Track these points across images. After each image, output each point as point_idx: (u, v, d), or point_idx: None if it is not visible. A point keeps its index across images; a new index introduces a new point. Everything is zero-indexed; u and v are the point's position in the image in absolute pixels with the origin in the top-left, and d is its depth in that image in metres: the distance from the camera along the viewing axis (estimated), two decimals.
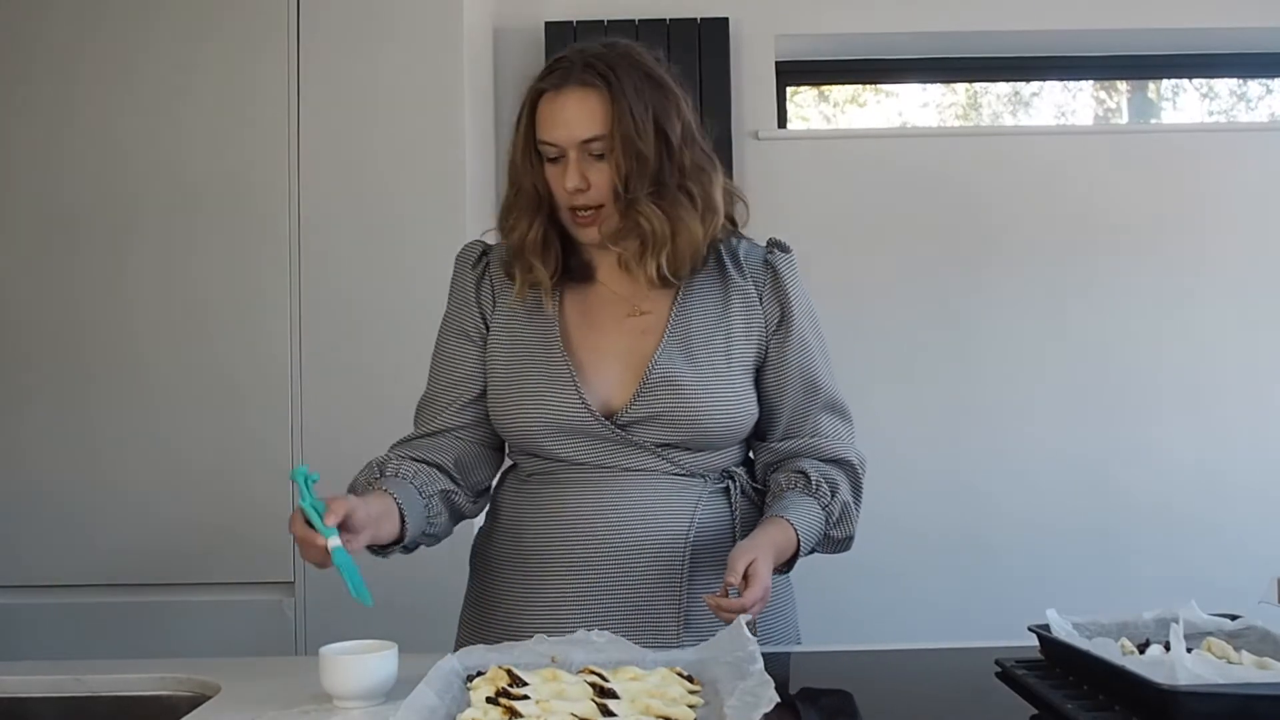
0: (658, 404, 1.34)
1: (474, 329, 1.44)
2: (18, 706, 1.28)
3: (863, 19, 2.89)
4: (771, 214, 2.85)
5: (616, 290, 1.42)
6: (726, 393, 1.37)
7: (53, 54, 2.33)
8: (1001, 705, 1.16)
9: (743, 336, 1.42)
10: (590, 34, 2.74)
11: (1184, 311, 2.83)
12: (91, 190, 2.32)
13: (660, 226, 1.34)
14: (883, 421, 2.81)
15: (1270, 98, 3.20)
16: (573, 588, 1.34)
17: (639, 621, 1.33)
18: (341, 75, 2.33)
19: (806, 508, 1.37)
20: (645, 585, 1.34)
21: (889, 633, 2.70)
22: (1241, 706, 0.97)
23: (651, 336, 1.39)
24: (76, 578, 2.29)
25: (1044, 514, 2.79)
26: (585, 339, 1.40)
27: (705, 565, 1.36)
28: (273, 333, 2.31)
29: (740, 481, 1.42)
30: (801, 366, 1.44)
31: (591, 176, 1.33)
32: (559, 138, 1.32)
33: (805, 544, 1.36)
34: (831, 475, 1.41)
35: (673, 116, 1.34)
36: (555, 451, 1.37)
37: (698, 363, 1.37)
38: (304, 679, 1.20)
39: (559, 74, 1.33)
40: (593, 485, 1.36)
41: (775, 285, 1.45)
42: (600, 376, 1.37)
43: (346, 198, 2.32)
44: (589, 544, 1.34)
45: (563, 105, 1.32)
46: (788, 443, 1.44)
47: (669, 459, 1.36)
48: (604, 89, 1.31)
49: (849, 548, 1.46)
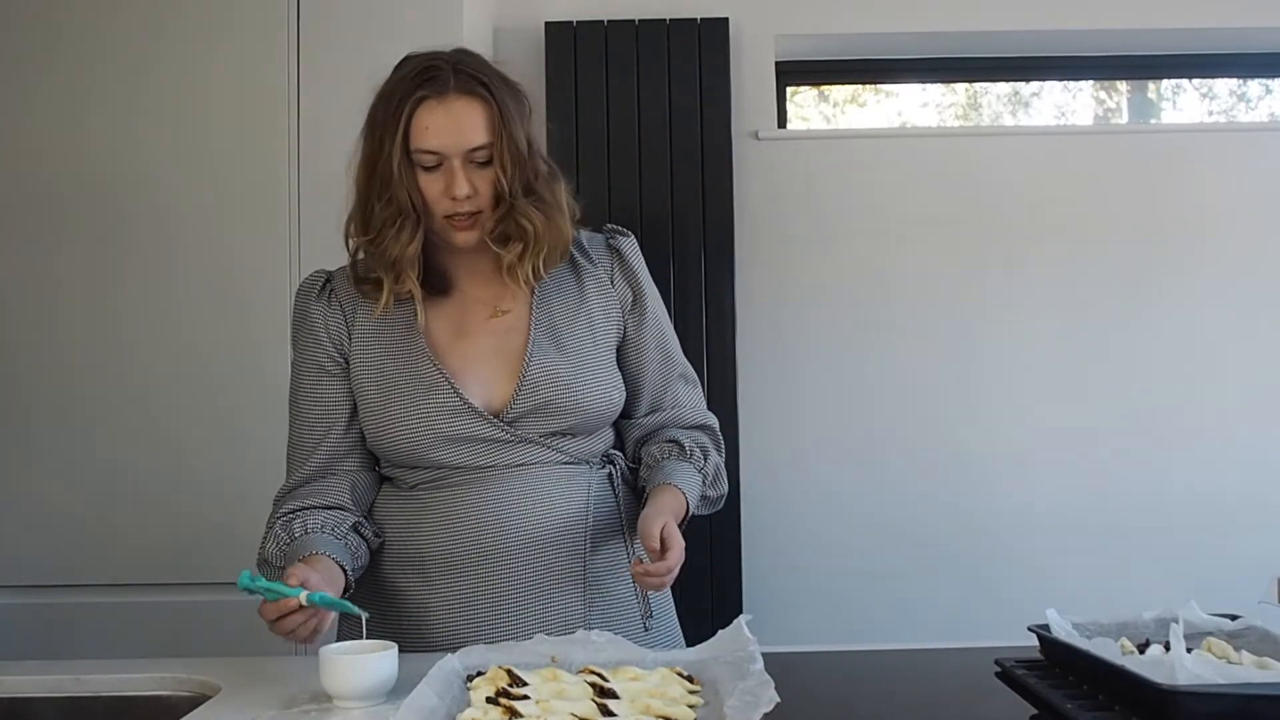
0: (539, 396, 1.37)
1: (329, 361, 1.43)
2: (18, 706, 1.28)
3: (863, 19, 2.90)
4: (771, 214, 2.88)
5: (476, 295, 1.44)
6: (600, 375, 1.42)
7: (53, 54, 2.33)
8: (1001, 705, 1.16)
9: (603, 319, 1.46)
10: (590, 34, 2.74)
11: (1184, 311, 2.83)
12: (91, 190, 2.32)
13: (541, 226, 1.37)
14: (882, 421, 2.82)
15: (1270, 98, 3.20)
16: (483, 588, 1.36)
17: (549, 611, 1.36)
18: (341, 75, 2.33)
19: (687, 473, 1.43)
20: (552, 574, 1.37)
21: (889, 633, 2.70)
22: (1241, 706, 0.97)
23: (517, 333, 1.41)
24: (76, 578, 2.29)
25: (1044, 514, 2.79)
26: (453, 346, 1.41)
27: (600, 548, 1.41)
28: (273, 333, 2.30)
29: (620, 465, 1.47)
30: (659, 342, 1.50)
31: (476, 183, 1.34)
32: (443, 145, 1.32)
33: (692, 507, 1.42)
34: (702, 440, 1.49)
35: (530, 123, 1.38)
36: (442, 460, 1.37)
37: (568, 351, 1.41)
38: (304, 679, 1.20)
39: (435, 82, 1.33)
40: (486, 485, 1.37)
41: (623, 268, 1.49)
42: (476, 379, 1.39)
43: (347, 196, 2.31)
44: (494, 542, 1.36)
45: (447, 113, 1.32)
46: (653, 416, 1.50)
47: (556, 448, 1.40)
48: (486, 97, 1.33)
49: (722, 505, 1.54)
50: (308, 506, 1.39)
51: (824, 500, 2.80)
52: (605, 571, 1.41)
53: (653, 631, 1.43)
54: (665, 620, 1.49)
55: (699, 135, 2.73)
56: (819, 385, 2.81)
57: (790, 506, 2.78)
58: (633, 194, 2.70)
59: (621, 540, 1.45)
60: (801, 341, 2.81)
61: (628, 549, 1.45)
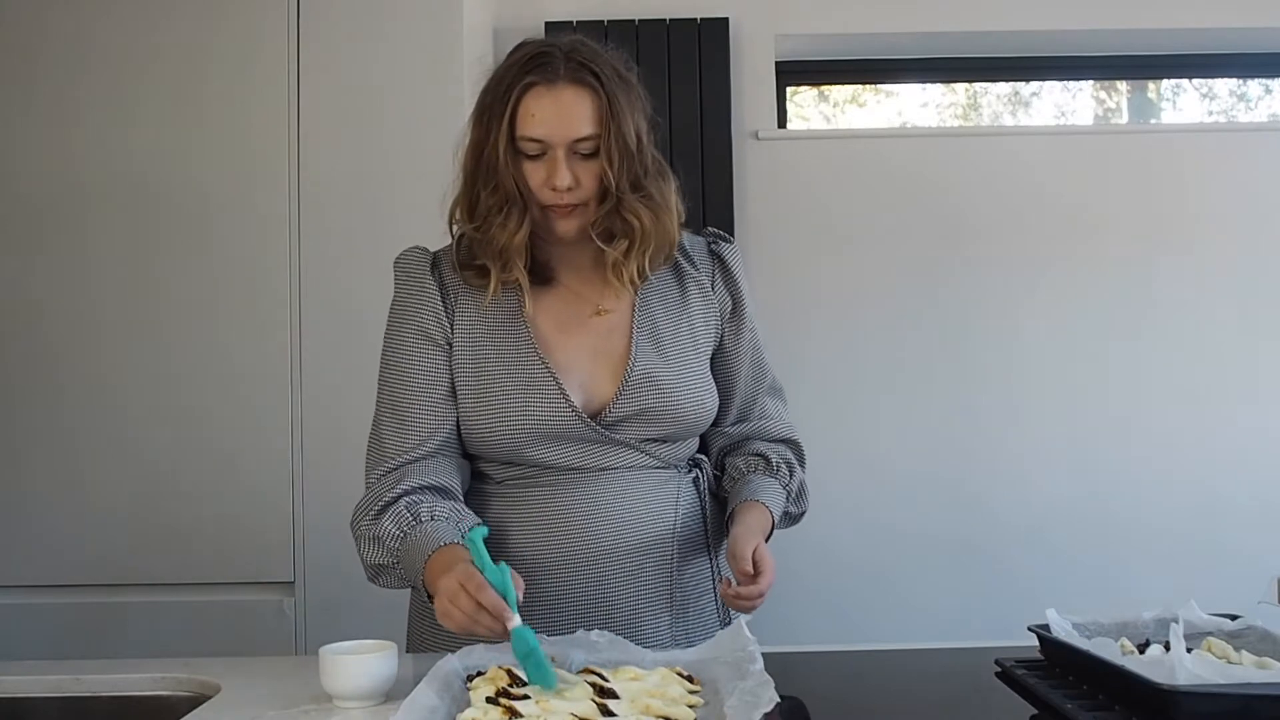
0: (641, 401, 1.35)
1: (439, 333, 1.38)
2: (18, 706, 1.28)
3: (863, 19, 2.90)
4: (771, 214, 2.88)
5: (579, 291, 1.41)
6: (699, 382, 1.40)
7: (54, 54, 2.33)
8: (1001, 705, 1.16)
9: (703, 326, 1.44)
10: (590, 34, 2.72)
11: (1184, 311, 2.83)
12: (89, 190, 2.32)
13: (649, 224, 1.34)
14: (881, 422, 2.81)
15: (1270, 98, 3.20)
16: (569, 591, 1.34)
17: (633, 617, 1.34)
18: (341, 75, 2.33)
19: (772, 489, 1.42)
20: (638, 580, 1.35)
21: (889, 634, 2.70)
22: (1241, 706, 0.97)
23: (619, 334, 1.39)
24: (76, 578, 2.29)
25: (1043, 514, 2.79)
26: (557, 341, 1.38)
27: (686, 555, 1.39)
28: (273, 333, 2.31)
29: (706, 470, 1.46)
30: (752, 352, 1.48)
31: (579, 174, 1.31)
32: (549, 134, 1.29)
33: (777, 524, 1.41)
34: (787, 455, 1.48)
35: (641, 118, 1.35)
36: (537, 458, 1.35)
37: (669, 357, 1.38)
38: (304, 679, 1.20)
39: (546, 69, 1.29)
40: (579, 486, 1.35)
41: (725, 274, 1.47)
42: (578, 379, 1.36)
43: (346, 198, 2.32)
44: (583, 545, 1.34)
45: (555, 101, 1.29)
46: (740, 426, 1.49)
47: (650, 453, 1.38)
48: (596, 86, 1.30)
49: (801, 521, 1.53)
50: (430, 488, 1.32)
51: (824, 500, 2.77)
52: (689, 578, 1.39)
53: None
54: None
55: (699, 135, 2.73)
56: (818, 384, 2.80)
57: None
58: None
59: (705, 547, 1.43)
60: (801, 340, 2.81)
61: (711, 557, 1.43)
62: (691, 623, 1.39)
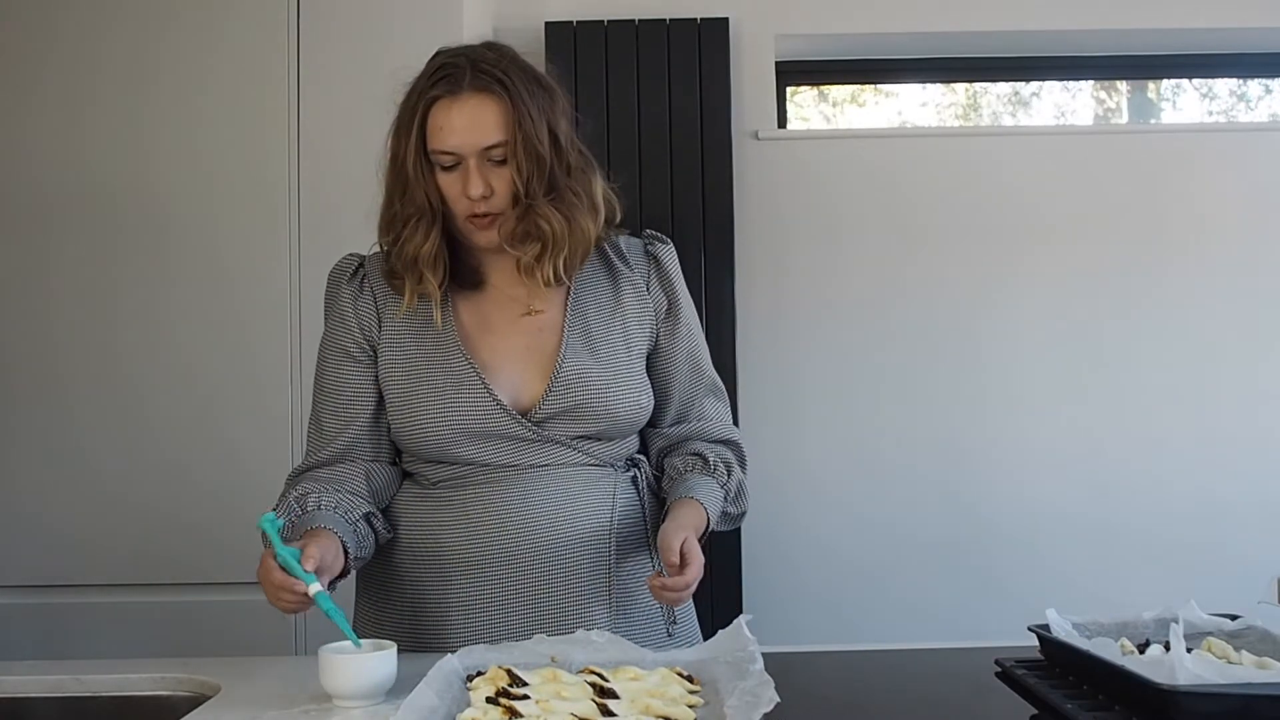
0: (570, 398, 1.37)
1: (357, 348, 1.42)
2: (18, 706, 1.28)
3: (863, 19, 2.89)
4: (771, 214, 2.88)
5: (509, 292, 1.43)
6: (631, 381, 1.41)
7: (54, 54, 2.33)
8: (1001, 705, 1.16)
9: (636, 326, 1.45)
10: (590, 34, 2.74)
11: (1184, 311, 2.83)
12: (88, 190, 2.32)
13: (560, 227, 1.35)
14: (882, 421, 2.81)
15: (1270, 98, 3.20)
16: (507, 589, 1.35)
17: (569, 615, 1.35)
18: (341, 75, 2.33)
19: (709, 488, 1.42)
20: (575, 578, 1.36)
21: (889, 633, 2.70)
22: (1241, 706, 0.97)
23: (550, 334, 1.40)
24: (76, 578, 2.29)
25: (1044, 514, 2.79)
26: (484, 342, 1.40)
27: (625, 552, 1.40)
28: (272, 332, 2.31)
29: (645, 469, 1.47)
30: (689, 353, 1.49)
31: (493, 182, 1.32)
32: (458, 145, 1.31)
33: (713, 522, 1.41)
34: (726, 455, 1.48)
35: (559, 118, 1.36)
36: (467, 456, 1.36)
37: (600, 355, 1.40)
38: (304, 679, 1.20)
39: (449, 81, 1.31)
40: (511, 484, 1.36)
41: (660, 275, 1.48)
42: (506, 377, 1.38)
43: (347, 197, 2.31)
44: (516, 542, 1.35)
45: (460, 112, 1.31)
46: (679, 427, 1.49)
47: (584, 451, 1.39)
48: (501, 94, 1.31)
49: (740, 523, 1.53)
50: (328, 486, 1.37)
51: (824, 500, 2.79)
52: (629, 575, 1.40)
53: (676, 638, 1.43)
54: (687, 626, 1.48)
55: (699, 135, 2.73)
56: (819, 384, 2.80)
57: (790, 506, 2.77)
58: (633, 194, 2.68)
59: (645, 545, 1.44)
60: (801, 341, 2.81)
61: (651, 554, 1.44)
62: (633, 620, 1.39)
